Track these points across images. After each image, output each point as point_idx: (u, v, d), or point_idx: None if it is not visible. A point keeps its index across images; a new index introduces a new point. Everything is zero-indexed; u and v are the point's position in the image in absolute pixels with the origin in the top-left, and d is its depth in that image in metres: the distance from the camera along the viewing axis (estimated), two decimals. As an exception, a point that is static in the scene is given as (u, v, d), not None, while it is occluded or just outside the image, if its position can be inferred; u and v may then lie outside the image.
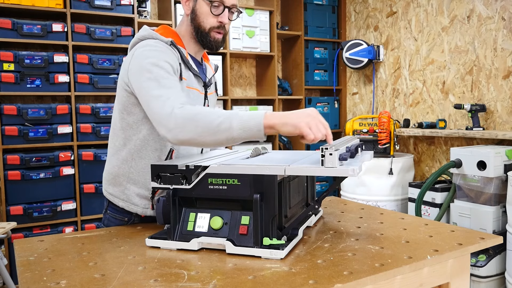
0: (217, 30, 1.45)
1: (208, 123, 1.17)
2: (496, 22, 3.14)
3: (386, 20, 4.03)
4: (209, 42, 1.46)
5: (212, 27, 1.44)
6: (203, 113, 1.18)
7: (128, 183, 1.44)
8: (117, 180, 1.46)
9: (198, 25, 1.45)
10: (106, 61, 3.29)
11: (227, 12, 1.44)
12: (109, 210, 1.51)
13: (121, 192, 1.46)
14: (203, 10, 1.43)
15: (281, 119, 1.16)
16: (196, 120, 1.17)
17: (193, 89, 1.45)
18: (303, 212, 1.21)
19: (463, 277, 1.22)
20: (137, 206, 1.45)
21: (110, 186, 1.48)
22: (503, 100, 3.12)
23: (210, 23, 1.44)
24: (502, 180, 2.69)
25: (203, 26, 1.44)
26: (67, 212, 3.19)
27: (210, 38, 1.45)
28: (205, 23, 1.44)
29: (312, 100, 4.32)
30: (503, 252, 2.67)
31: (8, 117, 3.04)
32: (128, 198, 1.45)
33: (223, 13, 1.43)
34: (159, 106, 1.23)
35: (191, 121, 1.18)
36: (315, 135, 1.14)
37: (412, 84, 3.82)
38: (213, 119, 1.17)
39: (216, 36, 1.46)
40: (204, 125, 1.17)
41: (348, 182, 3.50)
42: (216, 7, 1.42)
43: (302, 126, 1.15)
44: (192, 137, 1.19)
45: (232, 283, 0.94)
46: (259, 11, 3.98)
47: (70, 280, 0.97)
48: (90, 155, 3.23)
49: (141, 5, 3.50)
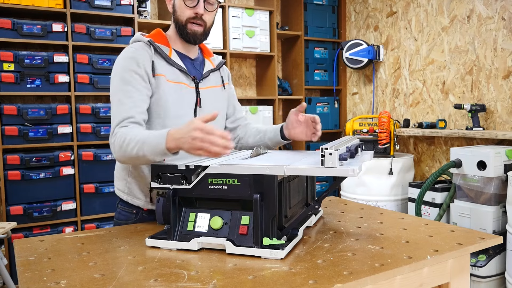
0: (193, 21, 1.49)
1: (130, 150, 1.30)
2: (496, 22, 3.14)
3: (386, 20, 4.03)
4: (186, 34, 1.51)
5: (188, 18, 1.49)
6: (127, 141, 1.31)
7: (129, 177, 1.52)
8: (121, 174, 1.55)
9: (177, 19, 1.51)
10: (106, 61, 3.29)
11: (202, 3, 1.47)
12: (119, 204, 1.59)
13: (124, 187, 1.54)
14: (180, 4, 1.49)
15: (177, 144, 1.22)
16: (123, 148, 1.32)
17: (178, 83, 1.49)
18: (303, 212, 1.21)
19: (463, 277, 1.22)
20: (139, 200, 1.52)
21: (117, 181, 1.58)
22: (503, 100, 3.12)
23: (186, 14, 1.49)
24: (502, 180, 2.69)
25: (180, 19, 1.50)
26: (67, 212, 3.19)
27: (187, 30, 1.50)
28: (182, 16, 1.49)
29: (312, 100, 4.32)
30: (503, 252, 2.67)
31: (8, 117, 3.04)
32: (130, 192, 1.53)
33: (198, 4, 1.47)
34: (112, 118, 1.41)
35: (120, 149, 1.33)
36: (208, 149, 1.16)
37: (412, 84, 3.82)
38: (132, 147, 1.29)
39: (194, 27, 1.50)
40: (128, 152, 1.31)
41: (348, 182, 3.50)
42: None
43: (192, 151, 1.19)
44: (126, 160, 1.35)
45: (232, 283, 0.94)
46: (259, 11, 3.98)
47: (70, 280, 0.97)
48: (90, 155, 3.23)
49: (141, 5, 3.50)
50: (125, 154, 1.32)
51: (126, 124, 1.36)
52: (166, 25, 3.54)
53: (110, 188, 3.29)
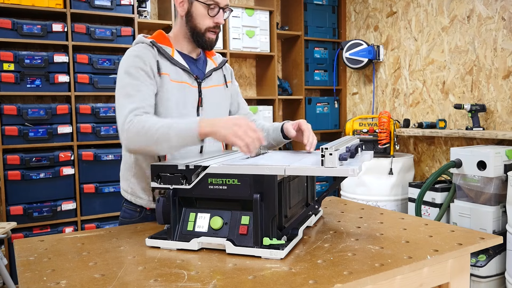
0: (212, 30, 1.52)
1: (150, 136, 1.28)
2: (496, 22, 3.14)
3: (386, 20, 4.03)
4: (204, 42, 1.53)
5: (208, 28, 1.51)
6: (147, 127, 1.29)
7: (132, 177, 1.53)
8: (125, 174, 1.57)
9: (194, 26, 1.51)
10: (106, 61, 3.29)
11: (222, 12, 1.51)
12: (124, 203, 1.60)
13: (128, 186, 1.56)
14: (200, 12, 1.49)
15: (213, 128, 1.26)
16: (141, 134, 1.29)
17: (181, 83, 1.50)
18: (303, 212, 1.21)
19: (463, 277, 1.22)
20: (142, 199, 1.54)
21: (122, 180, 1.59)
22: (503, 100, 3.12)
23: (206, 24, 1.50)
24: (502, 180, 2.69)
25: (199, 27, 1.51)
26: (67, 212, 3.19)
27: (205, 39, 1.53)
28: (201, 24, 1.51)
29: (312, 100, 4.32)
30: (503, 252, 2.67)
31: (8, 117, 3.04)
32: (133, 192, 1.54)
33: (218, 14, 1.50)
34: (118, 118, 1.37)
35: (137, 135, 1.30)
36: (244, 140, 1.22)
37: (412, 84, 3.82)
38: (154, 132, 1.28)
39: (211, 36, 1.53)
40: (148, 138, 1.29)
41: (348, 182, 3.50)
42: (212, 9, 1.49)
43: (230, 136, 1.23)
44: (140, 147, 1.32)
45: (232, 283, 0.94)
46: (259, 11, 3.98)
47: (70, 280, 0.97)
48: (90, 155, 3.23)
49: (141, 5, 3.50)
50: (141, 141, 1.29)
51: (140, 113, 1.35)
52: (166, 25, 3.54)
53: (110, 188, 3.29)
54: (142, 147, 1.32)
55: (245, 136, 1.23)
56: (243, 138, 1.23)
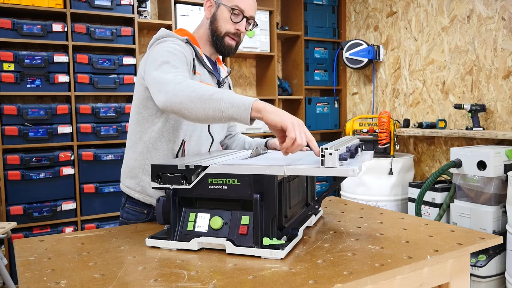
0: (232, 36, 1.54)
1: (203, 91, 1.20)
2: (496, 22, 3.14)
3: (386, 20, 4.03)
4: (222, 46, 1.55)
5: (227, 32, 1.54)
6: (198, 85, 1.22)
7: (143, 175, 1.50)
8: (133, 172, 1.52)
9: (216, 28, 1.54)
10: (106, 61, 3.29)
11: (245, 21, 1.54)
12: (127, 203, 1.56)
13: (136, 184, 1.52)
14: (223, 16, 1.52)
15: (271, 107, 1.16)
16: (193, 86, 1.22)
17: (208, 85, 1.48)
18: (303, 212, 1.21)
19: (463, 277, 1.22)
20: (152, 198, 1.51)
21: (127, 179, 1.55)
22: (503, 100, 3.12)
23: (227, 28, 1.53)
24: (502, 180, 2.69)
25: (219, 30, 1.54)
26: (67, 212, 3.19)
27: (223, 43, 1.55)
28: (222, 28, 1.53)
29: (312, 100, 4.32)
30: (503, 252, 2.67)
31: (8, 117, 3.04)
32: (143, 190, 1.51)
33: (241, 22, 1.53)
34: (163, 73, 1.28)
35: (188, 87, 1.22)
36: (297, 134, 1.11)
37: (412, 84, 3.82)
38: (208, 89, 1.20)
39: (230, 42, 1.55)
40: (198, 92, 1.20)
41: (348, 182, 3.50)
42: (236, 15, 1.52)
43: (287, 120, 1.13)
44: (184, 100, 1.21)
45: (232, 283, 0.94)
46: (259, 11, 3.98)
47: (70, 280, 0.97)
48: (90, 155, 3.23)
49: (141, 5, 3.50)
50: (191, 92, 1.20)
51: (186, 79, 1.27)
52: (166, 25, 3.54)
53: (110, 188, 3.29)
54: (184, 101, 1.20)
55: (299, 131, 1.12)
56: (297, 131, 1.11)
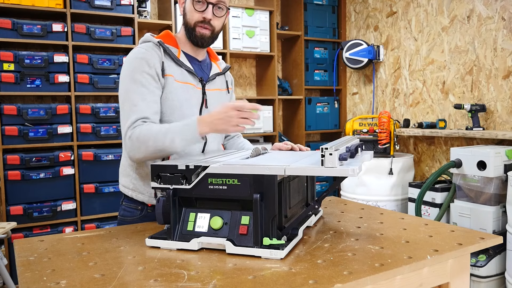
0: (201, 25, 1.53)
1: (155, 143, 1.34)
2: (496, 22, 3.14)
3: (386, 20, 4.03)
4: (195, 37, 1.55)
5: (196, 22, 1.53)
6: (150, 134, 1.35)
7: (134, 173, 1.54)
8: (126, 170, 1.56)
9: (187, 22, 1.55)
10: (106, 61, 3.29)
11: (211, 8, 1.51)
12: (124, 201, 1.60)
13: (129, 182, 1.55)
14: (189, 8, 1.53)
15: (210, 127, 1.33)
16: (146, 141, 1.35)
17: (185, 84, 1.52)
18: (303, 212, 1.21)
19: (463, 277, 1.22)
20: (143, 195, 1.53)
21: (122, 177, 1.59)
22: (503, 100, 3.12)
23: (195, 18, 1.53)
24: (502, 180, 2.69)
25: (189, 22, 1.54)
26: (67, 212, 3.19)
27: (195, 33, 1.54)
28: (190, 19, 1.54)
29: (312, 100, 4.32)
30: (503, 252, 2.67)
31: (8, 117, 3.04)
32: (135, 187, 1.54)
33: (207, 9, 1.51)
34: (122, 126, 1.42)
35: (142, 144, 1.36)
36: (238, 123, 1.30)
37: (412, 84, 3.82)
38: (159, 139, 1.34)
39: (202, 30, 1.54)
40: (153, 145, 1.35)
41: (348, 182, 3.50)
42: (198, 3, 1.51)
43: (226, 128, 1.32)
44: (145, 156, 1.38)
45: (232, 283, 0.94)
46: (259, 11, 3.98)
47: (70, 280, 0.97)
48: (90, 155, 3.23)
49: (141, 5, 3.50)
50: (148, 148, 1.36)
51: (141, 123, 1.39)
52: (166, 25, 3.54)
53: (110, 188, 3.29)
54: (148, 154, 1.37)
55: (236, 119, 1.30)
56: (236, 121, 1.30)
